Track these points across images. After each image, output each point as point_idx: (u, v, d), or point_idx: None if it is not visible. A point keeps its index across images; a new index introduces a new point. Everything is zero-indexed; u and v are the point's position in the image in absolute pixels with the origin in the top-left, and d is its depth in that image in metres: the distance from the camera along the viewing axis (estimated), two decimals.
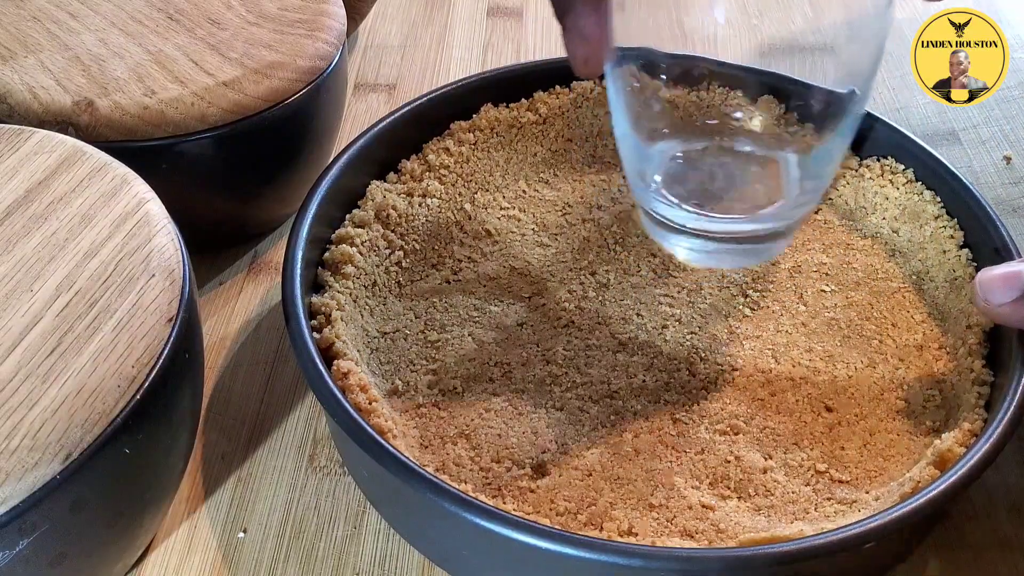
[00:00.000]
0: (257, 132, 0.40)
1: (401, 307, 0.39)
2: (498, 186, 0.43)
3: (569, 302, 0.39)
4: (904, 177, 0.41)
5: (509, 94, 0.45)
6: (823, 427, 0.35)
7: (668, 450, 0.34)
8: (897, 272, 0.40)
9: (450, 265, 0.40)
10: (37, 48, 0.40)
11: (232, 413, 0.39)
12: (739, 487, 0.33)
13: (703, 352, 0.37)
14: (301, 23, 0.42)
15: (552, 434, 0.34)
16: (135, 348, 0.28)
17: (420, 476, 0.29)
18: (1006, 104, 0.54)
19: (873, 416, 0.35)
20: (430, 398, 0.36)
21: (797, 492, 0.32)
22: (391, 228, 0.40)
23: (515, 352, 0.37)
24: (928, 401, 0.35)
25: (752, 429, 0.34)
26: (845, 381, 0.36)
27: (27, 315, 0.28)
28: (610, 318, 0.38)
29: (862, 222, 0.42)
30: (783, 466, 0.33)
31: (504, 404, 0.35)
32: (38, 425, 0.25)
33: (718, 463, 0.33)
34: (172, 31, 0.41)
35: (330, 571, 0.34)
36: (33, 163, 0.33)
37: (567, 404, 0.35)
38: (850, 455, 0.34)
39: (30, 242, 0.30)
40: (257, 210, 0.45)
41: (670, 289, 0.39)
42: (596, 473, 0.33)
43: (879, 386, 0.36)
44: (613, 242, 0.41)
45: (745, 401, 0.35)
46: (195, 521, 0.35)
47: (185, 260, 0.31)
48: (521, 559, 0.30)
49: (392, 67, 0.58)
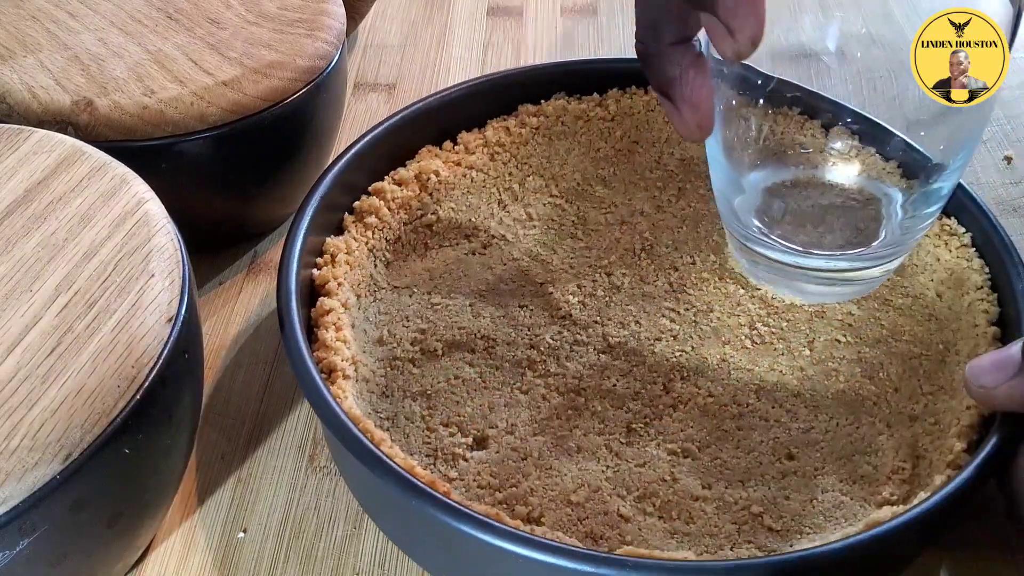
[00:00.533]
0: (257, 132, 0.40)
1: (420, 267, 0.40)
2: (553, 175, 0.44)
3: (575, 296, 0.39)
4: (959, 241, 0.38)
5: (583, 87, 0.45)
6: (777, 472, 0.33)
7: (610, 455, 0.34)
8: (925, 338, 0.37)
9: (482, 239, 0.41)
10: (36, 48, 0.39)
11: (232, 413, 0.39)
12: (664, 507, 0.32)
13: (685, 372, 0.36)
14: (301, 23, 0.42)
15: (506, 413, 0.35)
16: (135, 348, 0.28)
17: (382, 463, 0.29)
18: (1006, 104, 0.54)
19: (833, 474, 0.33)
20: (409, 354, 0.37)
21: (720, 528, 0.32)
22: (428, 192, 0.41)
23: (505, 330, 0.38)
24: (896, 473, 0.33)
25: (703, 457, 0.34)
26: (819, 434, 0.34)
27: (26, 315, 0.28)
28: (609, 319, 0.38)
29: (910, 280, 0.39)
30: (718, 499, 0.32)
31: (474, 375, 0.36)
32: (38, 425, 0.25)
33: (654, 479, 0.33)
34: (171, 30, 0.41)
35: (330, 571, 0.34)
36: (32, 163, 0.33)
37: (533, 389, 0.36)
38: (792, 506, 0.32)
39: (29, 242, 0.30)
40: (257, 210, 0.45)
41: (679, 305, 0.39)
42: (531, 459, 0.33)
43: (853, 447, 0.34)
44: (640, 248, 0.41)
45: (708, 428, 0.35)
46: (195, 521, 0.35)
47: (185, 260, 0.31)
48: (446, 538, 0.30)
49: (392, 67, 0.58)
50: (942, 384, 0.35)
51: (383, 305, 0.38)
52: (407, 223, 0.41)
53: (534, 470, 0.33)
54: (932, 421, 0.34)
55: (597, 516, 0.32)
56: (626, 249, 0.41)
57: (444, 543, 0.31)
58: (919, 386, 0.35)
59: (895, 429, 0.34)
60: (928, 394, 0.35)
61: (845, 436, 0.34)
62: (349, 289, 0.37)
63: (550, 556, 0.27)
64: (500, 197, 0.43)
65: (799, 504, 0.32)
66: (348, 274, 0.37)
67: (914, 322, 0.37)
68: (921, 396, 0.35)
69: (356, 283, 0.38)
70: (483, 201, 0.42)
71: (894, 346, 0.37)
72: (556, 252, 0.41)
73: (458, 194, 0.42)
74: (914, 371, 0.36)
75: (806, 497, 0.32)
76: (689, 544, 0.31)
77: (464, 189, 0.42)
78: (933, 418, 0.34)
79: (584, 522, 0.32)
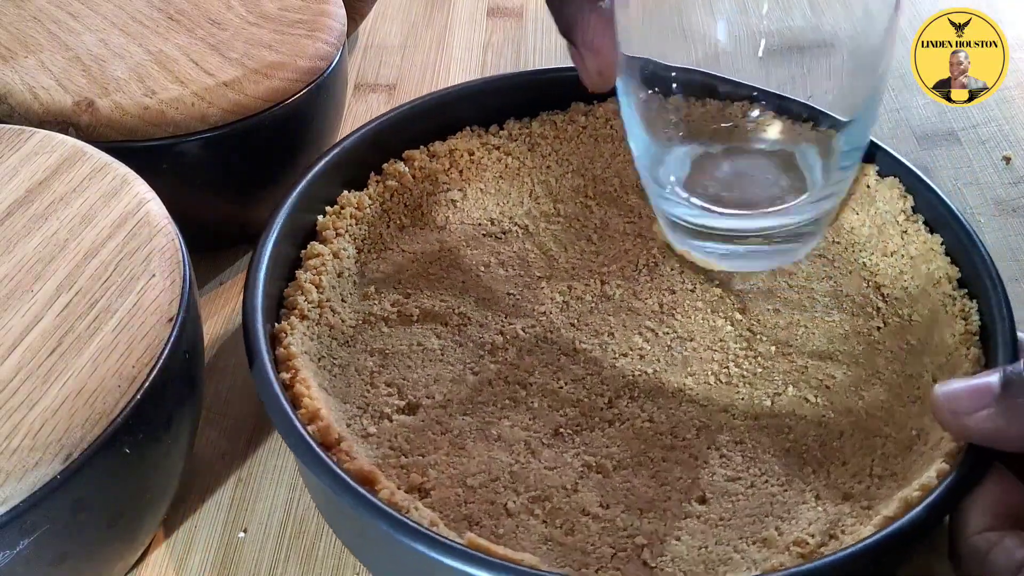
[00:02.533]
0: (257, 132, 0.40)
1: (433, 238, 0.41)
2: (594, 176, 0.43)
3: (563, 296, 0.39)
4: (964, 326, 0.35)
5: None
6: (680, 512, 0.32)
7: (525, 451, 0.33)
8: (901, 420, 0.34)
9: (503, 225, 0.42)
10: (37, 48, 0.40)
11: (232, 413, 0.39)
12: (552, 514, 0.32)
13: (636, 392, 0.35)
14: (301, 23, 0.42)
15: (447, 388, 0.35)
16: (135, 348, 0.28)
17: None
18: (1006, 104, 0.54)
19: (736, 529, 0.31)
20: (387, 313, 0.38)
21: (595, 548, 0.31)
22: (459, 169, 0.42)
23: (483, 312, 0.38)
24: (797, 545, 0.30)
25: (615, 477, 0.33)
26: (743, 486, 0.33)
27: (27, 315, 0.28)
28: (585, 325, 0.38)
29: (912, 360, 0.36)
30: (608, 521, 0.31)
31: (436, 347, 0.37)
32: (38, 425, 0.26)
33: (555, 485, 0.32)
34: (172, 31, 0.41)
35: (330, 571, 0.34)
36: (34, 163, 0.33)
37: (483, 371, 0.36)
38: (678, 548, 0.31)
39: (31, 242, 0.31)
40: (257, 210, 0.45)
41: (660, 327, 0.37)
42: (448, 435, 0.34)
43: (770, 508, 0.32)
44: (643, 264, 0.40)
45: (633, 452, 0.33)
46: (195, 521, 0.35)
47: (185, 260, 0.31)
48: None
49: (392, 67, 0.58)
50: (895, 471, 0.32)
51: (383, 264, 0.39)
52: (431, 194, 0.41)
53: (446, 445, 0.33)
54: (865, 505, 0.31)
55: (483, 504, 0.32)
56: (630, 262, 0.40)
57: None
58: (870, 466, 0.33)
59: (823, 502, 0.32)
60: (876, 477, 0.32)
61: (768, 495, 0.32)
62: (348, 240, 0.38)
63: (387, 524, 0.28)
64: (533, 188, 0.43)
65: (686, 548, 0.31)
66: (352, 226, 0.39)
67: (898, 402, 0.35)
68: (867, 477, 0.32)
69: (360, 236, 0.39)
70: (515, 188, 0.42)
71: (864, 421, 0.34)
72: (566, 251, 0.41)
73: (489, 177, 0.42)
74: (872, 450, 0.33)
75: (697, 543, 0.31)
76: (558, 554, 0.30)
77: (497, 173, 0.43)
78: (868, 502, 0.31)
79: (468, 505, 0.32)
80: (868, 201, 0.40)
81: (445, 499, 0.32)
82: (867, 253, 0.40)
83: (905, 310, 0.37)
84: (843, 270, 0.39)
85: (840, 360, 0.36)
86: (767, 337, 0.37)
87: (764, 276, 0.39)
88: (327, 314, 0.36)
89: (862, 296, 0.38)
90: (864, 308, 0.38)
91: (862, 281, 0.39)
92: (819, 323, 0.37)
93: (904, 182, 0.39)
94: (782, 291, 0.39)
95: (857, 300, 0.38)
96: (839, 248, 0.40)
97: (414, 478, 0.32)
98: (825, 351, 0.37)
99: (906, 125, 0.54)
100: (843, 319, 0.38)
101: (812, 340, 0.37)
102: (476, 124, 0.43)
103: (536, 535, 0.31)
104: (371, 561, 0.33)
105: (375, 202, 0.40)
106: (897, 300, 0.38)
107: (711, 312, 0.38)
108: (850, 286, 0.39)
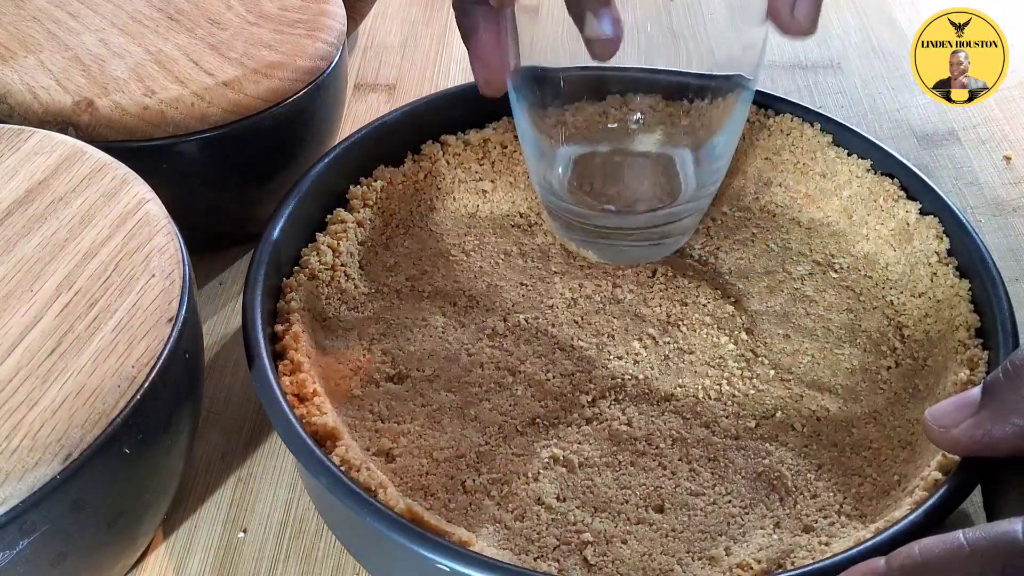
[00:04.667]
0: (257, 132, 0.40)
1: (465, 215, 0.42)
2: None
3: (572, 293, 0.39)
4: (971, 373, 0.34)
5: None
6: (635, 517, 0.32)
7: (497, 435, 0.34)
8: (888, 466, 0.33)
9: (533, 220, 0.42)
10: (37, 48, 0.40)
11: (232, 413, 0.39)
12: (506, 497, 0.32)
13: (621, 395, 0.35)
14: (301, 23, 0.42)
15: (437, 364, 0.36)
16: (135, 348, 0.28)
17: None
18: (1006, 104, 0.54)
19: (684, 542, 0.31)
20: (401, 286, 0.39)
21: (540, 536, 0.31)
22: (508, 155, 0.43)
23: (491, 298, 0.39)
24: (741, 568, 0.30)
25: (578, 474, 0.33)
26: (705, 502, 0.32)
27: (27, 315, 0.28)
28: (588, 324, 0.38)
29: (913, 406, 0.35)
30: (560, 513, 0.32)
31: (439, 324, 0.37)
32: (38, 425, 0.26)
33: (517, 471, 0.32)
34: (172, 31, 0.41)
35: (330, 571, 0.34)
36: (33, 163, 0.33)
37: (478, 354, 0.37)
38: (622, 552, 0.31)
39: (30, 242, 0.31)
40: (257, 210, 0.45)
41: (662, 336, 0.37)
42: (427, 408, 0.34)
43: (725, 528, 0.31)
44: (661, 274, 0.40)
45: (603, 452, 0.33)
46: (195, 521, 0.35)
47: (185, 260, 0.31)
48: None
49: (392, 67, 0.58)
50: (865, 512, 0.32)
51: (411, 241, 0.41)
52: (463, 181, 0.42)
53: (423, 417, 0.34)
54: (824, 541, 0.30)
55: (443, 478, 0.32)
56: (646, 268, 0.40)
57: None
58: (841, 504, 0.32)
59: (781, 531, 0.31)
60: (843, 515, 0.32)
61: (727, 515, 0.32)
62: (376, 212, 0.40)
63: (327, 479, 0.28)
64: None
65: (630, 552, 0.31)
66: (383, 200, 0.40)
67: (888, 444, 0.34)
68: (835, 514, 0.32)
69: (390, 210, 0.41)
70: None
71: (847, 458, 0.34)
72: (590, 250, 0.41)
73: (520, 172, 0.43)
74: (847, 490, 0.32)
75: (642, 550, 0.31)
76: (502, 536, 0.31)
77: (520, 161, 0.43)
78: (828, 539, 0.31)
79: (428, 476, 0.32)
80: (905, 239, 0.39)
81: (407, 467, 0.32)
82: (896, 291, 0.39)
83: (922, 353, 0.37)
84: (868, 305, 0.39)
85: (839, 394, 0.36)
86: (768, 360, 0.37)
87: (783, 300, 0.39)
88: (339, 278, 0.38)
89: (879, 333, 0.38)
90: (879, 346, 0.37)
91: (884, 319, 0.38)
92: (827, 354, 0.37)
93: (944, 223, 0.38)
94: (797, 317, 0.38)
95: (874, 337, 0.38)
96: (869, 283, 0.39)
97: (384, 443, 0.33)
98: (826, 383, 0.36)
99: (906, 125, 0.54)
100: (853, 353, 0.37)
101: (815, 370, 0.36)
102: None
103: (486, 515, 0.31)
104: (369, 561, 0.33)
105: (408, 180, 0.41)
106: (916, 343, 0.37)
107: (717, 329, 0.38)
108: (870, 322, 0.38)
